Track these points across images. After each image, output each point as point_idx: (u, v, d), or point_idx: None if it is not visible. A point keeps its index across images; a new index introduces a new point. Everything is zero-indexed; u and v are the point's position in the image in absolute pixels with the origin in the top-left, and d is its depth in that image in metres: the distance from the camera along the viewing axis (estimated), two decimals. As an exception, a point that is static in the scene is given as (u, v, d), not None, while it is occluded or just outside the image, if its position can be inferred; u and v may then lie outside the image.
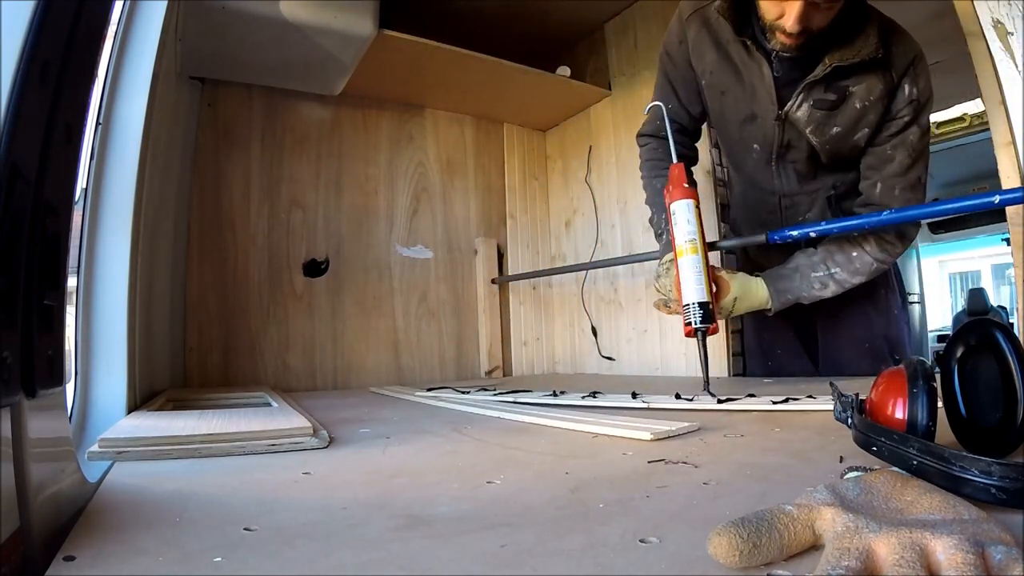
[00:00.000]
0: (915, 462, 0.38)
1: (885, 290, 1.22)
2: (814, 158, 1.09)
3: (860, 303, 1.21)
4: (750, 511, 0.31)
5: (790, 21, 0.90)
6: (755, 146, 1.12)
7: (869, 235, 1.05)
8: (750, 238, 1.14)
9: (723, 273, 1.07)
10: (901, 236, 1.06)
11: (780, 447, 0.59)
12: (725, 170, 1.58)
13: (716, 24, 1.05)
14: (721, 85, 1.09)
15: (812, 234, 1.05)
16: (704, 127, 1.28)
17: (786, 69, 1.01)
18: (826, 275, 1.07)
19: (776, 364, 1.37)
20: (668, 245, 1.09)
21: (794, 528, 0.30)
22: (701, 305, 0.98)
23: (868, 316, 1.22)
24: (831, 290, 1.08)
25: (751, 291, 1.08)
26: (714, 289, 1.02)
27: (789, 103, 1.02)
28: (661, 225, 1.16)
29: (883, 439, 0.42)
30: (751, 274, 1.11)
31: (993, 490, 0.34)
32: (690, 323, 0.98)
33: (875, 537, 0.28)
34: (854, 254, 1.06)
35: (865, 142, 1.03)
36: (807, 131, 1.04)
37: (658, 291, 1.12)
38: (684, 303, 0.99)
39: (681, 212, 1.00)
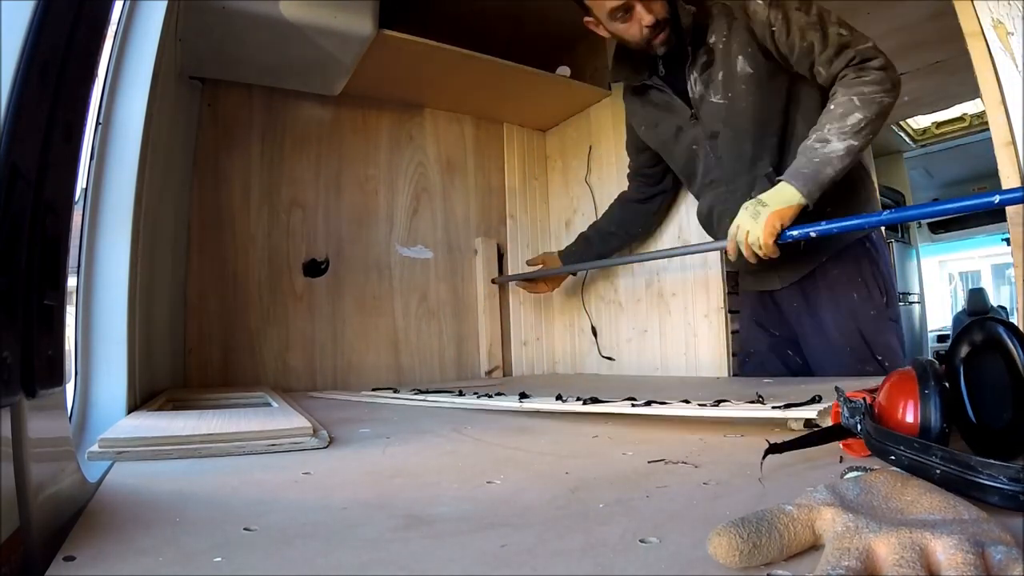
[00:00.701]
0: (939, 471, 0.36)
1: (857, 293, 1.20)
2: (733, 132, 1.19)
3: (833, 308, 1.22)
4: (750, 511, 0.31)
5: (646, 19, 1.12)
6: (693, 147, 1.28)
7: (837, 88, 1.06)
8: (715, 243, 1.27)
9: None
10: (861, 70, 1.04)
11: (780, 447, 0.59)
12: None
13: (637, 88, 1.32)
14: (652, 122, 1.34)
15: (812, 234, 1.05)
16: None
17: (677, 78, 1.21)
18: (819, 135, 1.05)
19: (752, 366, 1.39)
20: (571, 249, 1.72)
21: (794, 528, 0.30)
22: None
23: (841, 321, 1.21)
24: (836, 140, 1.03)
25: (779, 193, 1.06)
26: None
27: (690, 92, 1.20)
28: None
29: (902, 448, 0.40)
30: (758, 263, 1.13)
31: (1022, 497, 0.33)
32: None
33: (875, 537, 0.28)
34: (831, 107, 1.06)
35: (750, 71, 1.13)
36: (712, 98, 1.18)
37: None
38: None
39: None
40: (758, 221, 1.06)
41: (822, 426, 0.59)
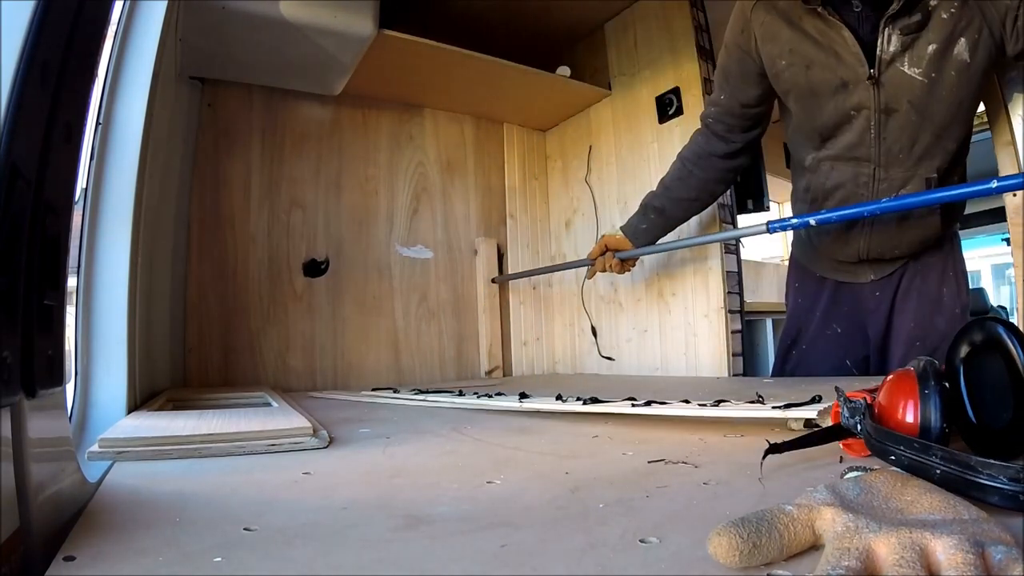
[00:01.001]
0: (939, 471, 0.36)
1: (947, 288, 1.12)
2: (918, 117, 0.99)
3: (917, 298, 1.13)
4: (750, 511, 0.31)
5: None
6: (852, 112, 1.04)
7: None
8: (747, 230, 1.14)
9: None
10: None
11: (780, 447, 0.59)
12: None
13: (784, 5, 1.04)
14: (804, 59, 1.04)
15: (812, 222, 0.99)
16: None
17: (866, 24, 0.97)
18: None
19: (799, 358, 1.27)
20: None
21: (794, 528, 0.30)
22: None
23: (925, 315, 1.12)
24: None
25: None
26: None
27: (878, 48, 0.97)
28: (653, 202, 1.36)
29: (902, 448, 0.40)
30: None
31: (1022, 497, 0.33)
32: None
33: (875, 537, 0.28)
34: None
35: (967, 59, 0.94)
36: (904, 66, 0.97)
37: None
38: None
39: None
40: None
41: (822, 426, 0.59)
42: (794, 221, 1.02)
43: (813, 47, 1.02)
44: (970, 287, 1.14)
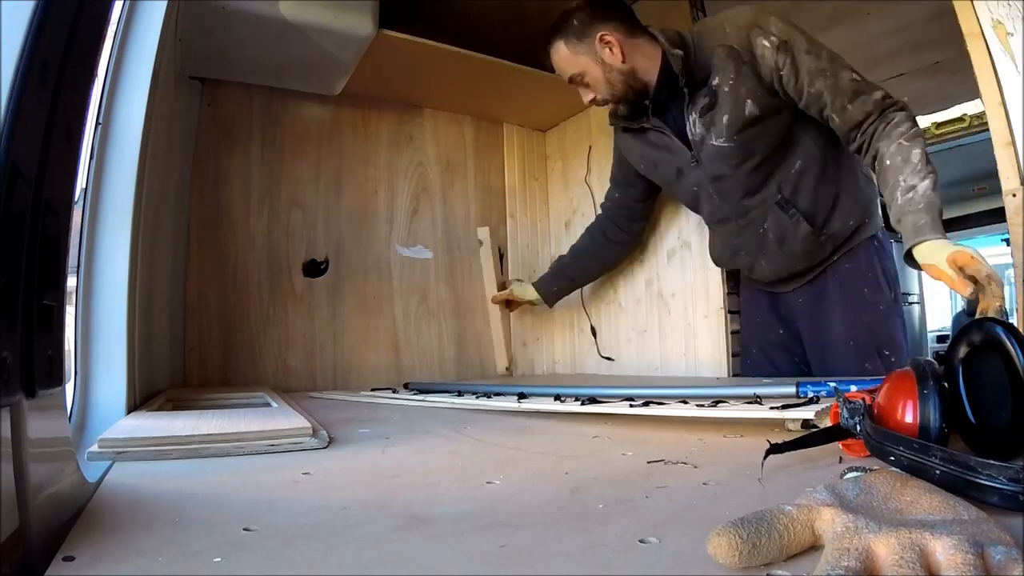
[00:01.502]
0: (938, 472, 0.36)
1: (868, 288, 1.22)
2: (740, 169, 1.18)
3: (842, 303, 1.23)
4: (750, 511, 0.31)
5: (584, 98, 1.22)
6: (694, 189, 1.27)
7: (876, 142, 1.03)
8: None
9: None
10: (886, 121, 1.03)
11: (780, 447, 0.59)
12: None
13: (629, 127, 1.29)
14: (652, 161, 1.31)
15: None
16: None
17: (679, 120, 1.20)
18: (903, 188, 0.99)
19: (752, 365, 1.40)
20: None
21: (794, 528, 0.30)
22: None
23: (850, 315, 1.22)
24: (925, 183, 0.97)
25: (936, 256, 0.96)
26: None
27: (689, 135, 1.19)
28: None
29: (901, 448, 0.40)
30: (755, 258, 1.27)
31: (1022, 497, 0.33)
32: None
33: (875, 537, 0.28)
34: (888, 163, 1.01)
35: (758, 112, 1.11)
36: (712, 140, 1.17)
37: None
38: None
39: None
40: (957, 275, 0.92)
41: (820, 427, 0.59)
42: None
43: (654, 151, 1.29)
44: (899, 286, 1.25)
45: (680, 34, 1.16)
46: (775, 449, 0.48)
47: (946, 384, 0.44)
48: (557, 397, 0.96)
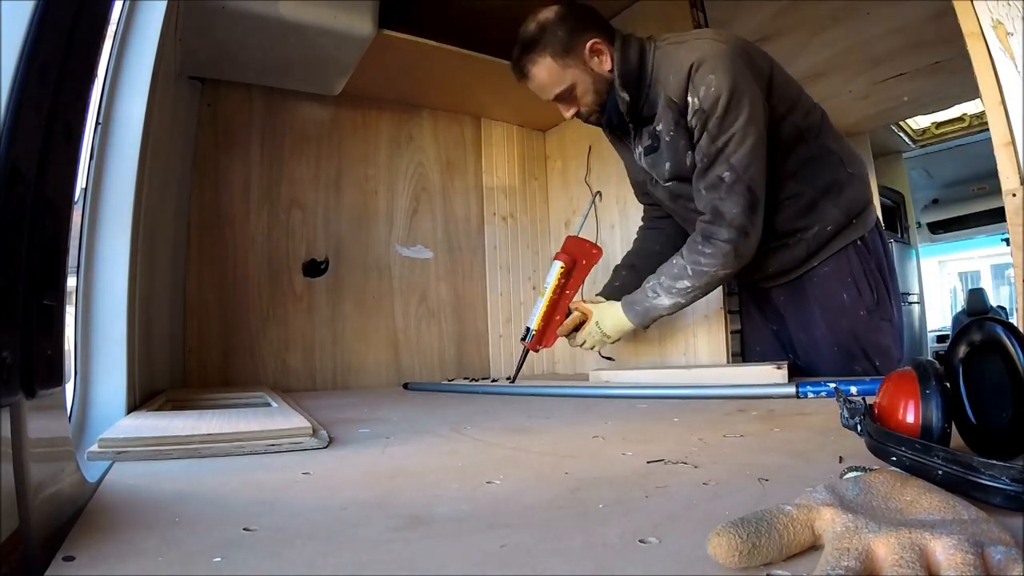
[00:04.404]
0: (940, 472, 0.36)
1: (847, 293, 1.20)
2: (689, 200, 1.17)
3: (821, 307, 1.22)
4: (750, 511, 0.31)
5: (565, 114, 1.20)
6: (662, 198, 1.29)
7: (688, 242, 1.14)
8: None
9: (587, 306, 1.30)
10: (707, 235, 1.10)
11: (780, 447, 0.59)
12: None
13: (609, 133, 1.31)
14: (627, 166, 1.34)
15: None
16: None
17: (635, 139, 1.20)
18: (655, 283, 1.17)
19: (757, 360, 1.39)
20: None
21: (793, 528, 0.30)
22: (527, 328, 1.36)
23: (831, 319, 1.21)
24: (665, 297, 1.16)
25: (608, 313, 1.26)
26: (579, 309, 1.32)
27: (638, 161, 1.22)
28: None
29: (903, 448, 0.39)
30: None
31: None
32: (522, 338, 1.37)
33: (874, 537, 0.28)
34: (673, 260, 1.16)
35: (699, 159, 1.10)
36: (661, 182, 1.19)
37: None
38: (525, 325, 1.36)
39: (552, 269, 1.38)
40: (598, 340, 1.29)
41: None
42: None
43: (628, 157, 1.29)
44: (889, 289, 1.23)
45: (642, 58, 1.11)
46: None
47: (947, 384, 0.44)
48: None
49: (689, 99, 1.05)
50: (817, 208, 1.17)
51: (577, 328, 1.32)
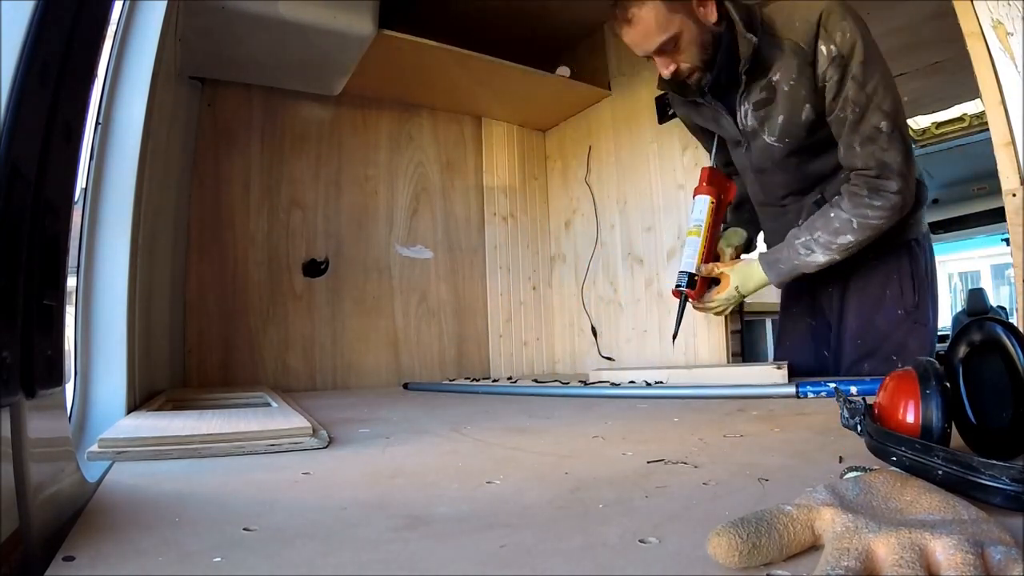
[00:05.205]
0: (940, 472, 0.36)
1: (889, 290, 1.19)
2: (786, 167, 1.15)
3: (858, 297, 1.21)
4: (750, 511, 0.31)
5: (661, 71, 1.10)
6: (746, 173, 1.25)
7: (844, 192, 1.08)
8: None
9: (724, 268, 1.20)
10: (873, 188, 1.05)
11: (780, 447, 0.59)
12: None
13: (683, 101, 1.23)
14: (714, 127, 1.24)
15: None
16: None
17: (727, 98, 1.13)
18: (808, 239, 1.11)
19: (784, 355, 1.34)
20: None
21: (793, 528, 0.30)
22: (685, 274, 1.21)
23: (865, 311, 1.20)
24: (820, 253, 1.10)
25: (749, 274, 1.19)
26: (716, 271, 1.21)
27: (739, 123, 1.14)
28: None
29: (903, 448, 0.39)
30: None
31: None
32: (678, 285, 1.21)
33: (874, 537, 0.28)
34: (831, 214, 1.08)
35: (815, 118, 1.07)
36: (764, 136, 1.12)
37: None
38: (678, 271, 1.21)
39: (697, 204, 1.22)
40: (733, 303, 1.23)
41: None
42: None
43: (712, 122, 1.22)
44: (930, 292, 1.20)
45: (750, 11, 1.06)
46: None
47: (947, 384, 0.44)
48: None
49: (821, 46, 1.01)
50: None
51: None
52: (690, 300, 1.22)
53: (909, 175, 1.04)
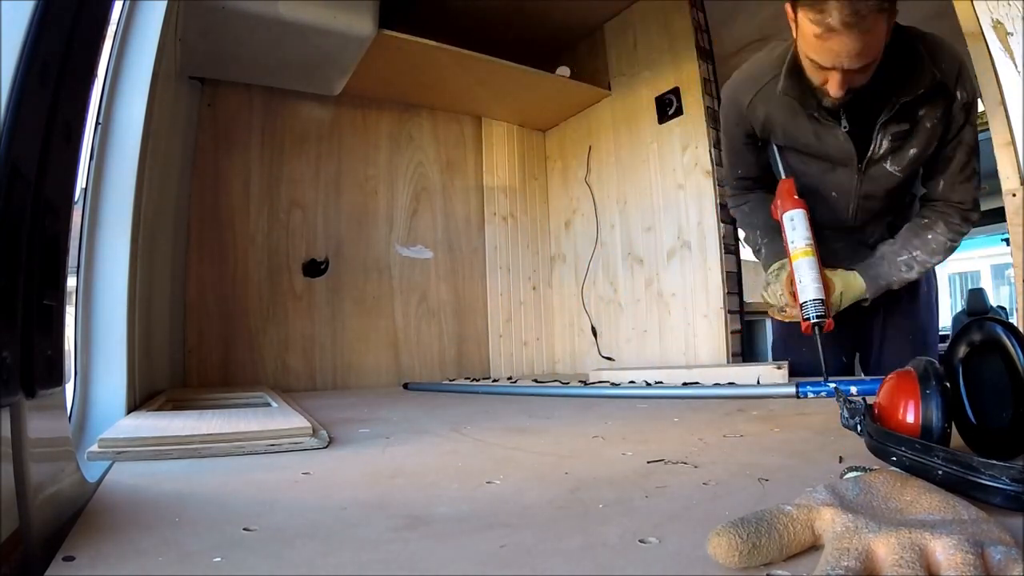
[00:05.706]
0: (940, 472, 0.36)
1: (923, 309, 1.25)
2: (892, 196, 1.15)
3: (896, 315, 1.25)
4: (750, 511, 0.31)
5: (833, 89, 0.96)
6: (833, 194, 1.16)
7: (938, 218, 1.13)
8: None
9: (830, 274, 1.14)
10: (965, 218, 1.12)
11: (780, 447, 0.59)
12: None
13: (783, 100, 1.09)
14: (800, 147, 1.13)
15: None
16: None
17: (857, 118, 1.06)
18: (909, 257, 1.14)
19: (800, 361, 1.32)
20: (772, 255, 1.19)
21: (794, 528, 0.30)
22: (818, 302, 1.05)
23: (897, 323, 1.25)
24: (916, 271, 1.15)
25: (851, 284, 1.16)
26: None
27: (871, 147, 1.08)
28: (758, 241, 1.25)
29: (903, 448, 0.39)
30: (847, 269, 1.17)
31: None
32: (808, 318, 1.05)
33: (874, 537, 0.28)
34: (928, 236, 1.13)
35: (932, 153, 1.09)
36: (886, 164, 1.10)
37: (766, 299, 1.18)
38: (801, 300, 1.06)
39: (797, 219, 1.09)
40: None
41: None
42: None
43: (812, 137, 1.10)
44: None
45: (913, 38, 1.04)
46: None
47: (947, 384, 0.44)
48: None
49: (958, 92, 1.05)
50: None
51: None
52: (784, 312, 1.13)
53: (979, 209, 1.13)
